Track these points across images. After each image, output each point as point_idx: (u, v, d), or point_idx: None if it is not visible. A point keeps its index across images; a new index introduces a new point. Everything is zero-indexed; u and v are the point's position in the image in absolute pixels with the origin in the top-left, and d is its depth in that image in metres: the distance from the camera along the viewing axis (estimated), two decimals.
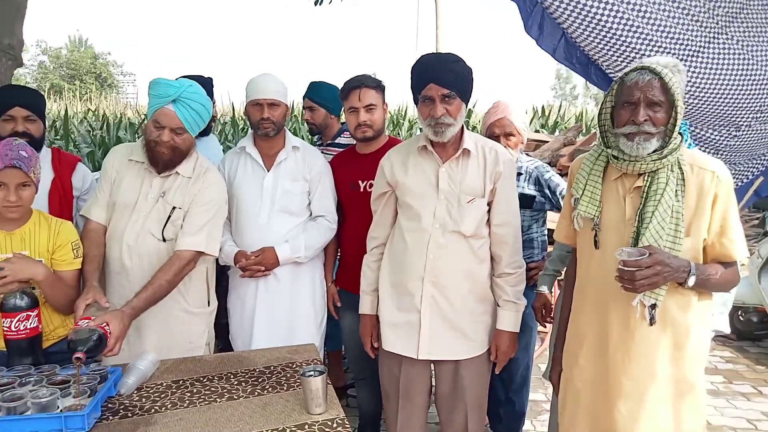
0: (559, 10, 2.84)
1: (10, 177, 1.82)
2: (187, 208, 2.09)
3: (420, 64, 1.92)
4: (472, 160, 1.95)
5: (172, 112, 2.01)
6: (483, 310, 2.00)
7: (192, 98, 2.03)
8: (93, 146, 6.53)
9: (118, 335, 1.79)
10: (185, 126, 2.04)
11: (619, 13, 2.70)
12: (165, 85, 2.02)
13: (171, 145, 2.03)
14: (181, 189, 2.11)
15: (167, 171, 2.10)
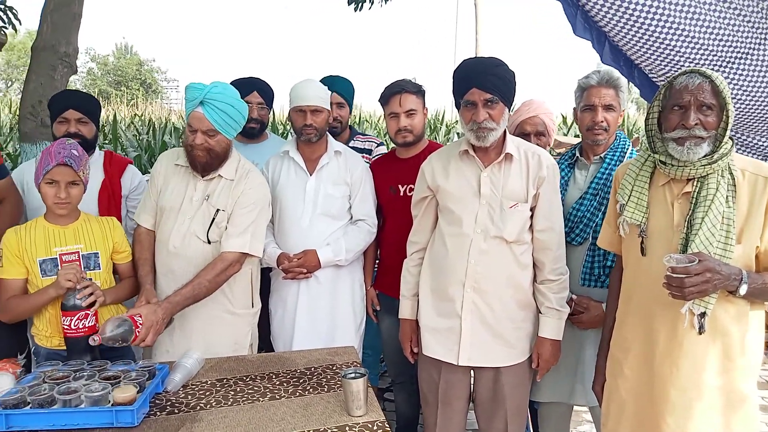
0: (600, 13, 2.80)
1: (60, 174, 1.90)
2: (231, 210, 2.12)
3: (462, 68, 1.91)
4: (514, 165, 1.93)
5: (202, 114, 2.03)
6: (524, 317, 1.98)
7: (217, 98, 2.03)
8: (140, 150, 6.75)
9: (150, 326, 1.84)
10: (216, 127, 2.04)
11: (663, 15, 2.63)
12: (192, 88, 2.06)
13: (205, 148, 2.06)
14: (224, 191, 2.14)
15: (208, 174, 2.14)
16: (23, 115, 3.29)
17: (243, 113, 2.13)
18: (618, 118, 2.10)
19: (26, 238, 1.94)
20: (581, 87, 2.14)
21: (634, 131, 8.67)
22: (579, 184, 2.17)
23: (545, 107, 2.45)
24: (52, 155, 1.89)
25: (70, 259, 1.97)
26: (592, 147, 2.14)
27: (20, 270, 1.93)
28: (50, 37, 3.30)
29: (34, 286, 1.96)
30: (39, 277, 1.94)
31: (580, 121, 2.15)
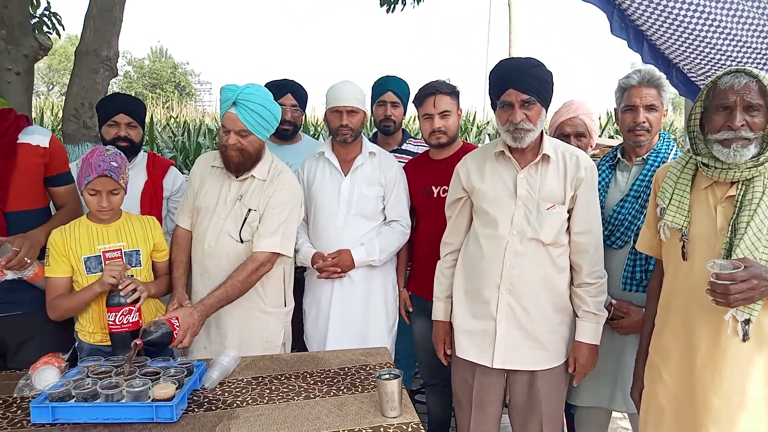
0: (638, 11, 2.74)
1: (102, 185, 1.96)
2: (262, 210, 2.16)
3: (499, 68, 1.90)
4: (551, 166, 1.91)
5: (235, 115, 2.07)
6: (561, 321, 1.95)
7: (249, 99, 2.06)
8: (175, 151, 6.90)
9: (187, 328, 1.91)
10: (248, 128, 2.07)
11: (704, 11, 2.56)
12: (226, 90, 2.10)
13: (238, 148, 2.09)
14: (256, 192, 2.17)
15: (242, 174, 2.18)
16: (66, 117, 3.40)
17: (276, 115, 2.16)
18: (661, 118, 2.06)
19: (71, 237, 2.00)
20: (621, 87, 2.10)
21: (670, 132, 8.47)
22: (620, 186, 2.12)
23: (585, 108, 2.41)
24: (92, 167, 1.94)
25: (113, 256, 2.02)
26: (634, 148, 2.10)
27: (66, 268, 1.99)
28: (92, 42, 3.40)
29: (79, 284, 2.01)
30: (84, 274, 2.00)
31: (621, 122, 2.11)
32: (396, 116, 2.85)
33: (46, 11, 4.57)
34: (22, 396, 1.74)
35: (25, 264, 1.95)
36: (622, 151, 2.17)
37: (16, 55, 3.29)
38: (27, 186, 2.07)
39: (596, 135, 2.46)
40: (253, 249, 2.13)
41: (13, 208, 2.02)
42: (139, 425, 1.59)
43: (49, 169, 2.14)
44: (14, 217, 2.01)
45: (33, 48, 3.35)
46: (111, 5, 3.43)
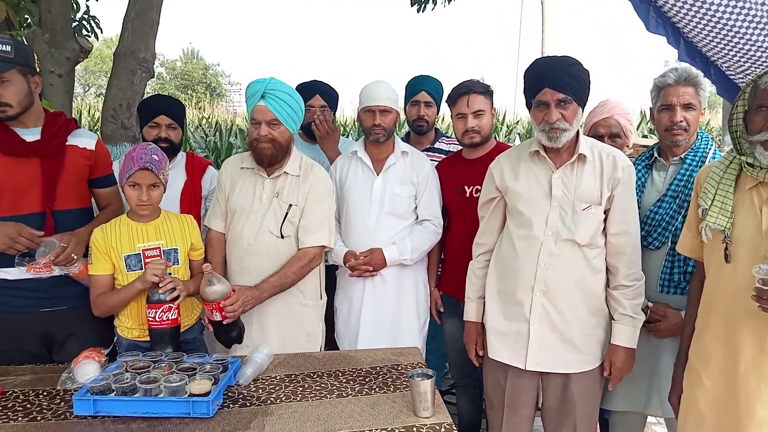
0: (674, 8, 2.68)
1: (142, 178, 2.00)
2: (303, 205, 2.19)
3: (535, 67, 1.88)
4: (588, 166, 1.88)
5: (264, 106, 2.11)
6: (596, 324, 1.92)
7: (278, 88, 2.12)
8: (207, 151, 7.01)
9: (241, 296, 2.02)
10: (278, 117, 2.12)
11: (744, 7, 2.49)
12: (252, 84, 2.15)
13: (270, 138, 2.12)
14: (293, 187, 2.21)
15: (275, 169, 2.21)
16: (105, 118, 3.49)
17: (301, 106, 2.21)
18: (698, 117, 2.01)
19: (112, 235, 2.05)
20: (657, 86, 2.05)
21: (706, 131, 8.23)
22: (657, 186, 2.08)
23: (621, 107, 2.36)
24: (134, 160, 1.99)
25: (152, 254, 2.06)
26: (671, 148, 2.05)
27: (108, 266, 2.04)
28: (130, 44, 3.49)
29: (119, 282, 2.06)
30: (124, 272, 2.04)
31: (657, 121, 2.07)
32: (429, 116, 2.85)
33: (85, 15, 4.71)
34: (65, 388, 1.79)
35: (71, 260, 2.02)
36: (659, 151, 2.13)
37: (59, 58, 3.40)
38: (73, 186, 2.14)
39: (633, 135, 2.41)
40: (301, 245, 2.19)
41: (60, 207, 2.08)
42: (176, 420, 1.62)
43: (93, 171, 2.22)
44: (60, 216, 2.08)
45: (74, 51, 3.45)
46: (148, 8, 3.51)
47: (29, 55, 2.07)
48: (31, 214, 2.03)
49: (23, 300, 2.04)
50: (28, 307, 2.06)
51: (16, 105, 1.98)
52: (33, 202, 2.03)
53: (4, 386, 1.80)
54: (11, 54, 1.95)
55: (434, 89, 2.86)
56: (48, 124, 2.10)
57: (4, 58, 1.94)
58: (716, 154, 2.02)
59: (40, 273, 2.00)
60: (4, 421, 1.60)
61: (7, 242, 1.92)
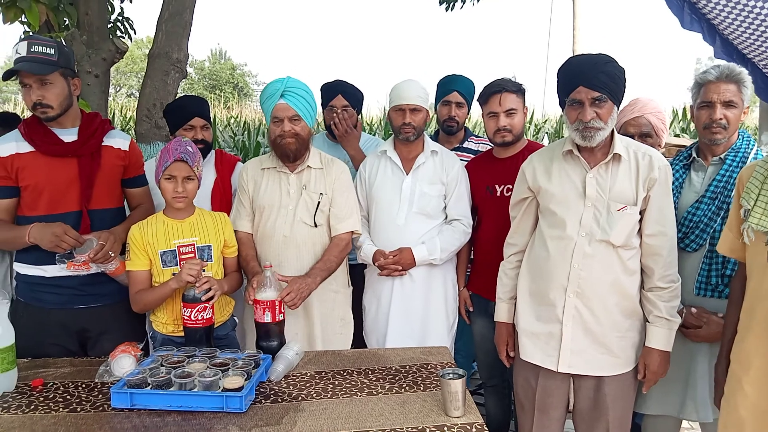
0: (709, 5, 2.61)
1: (177, 170, 2.03)
2: (331, 195, 2.30)
3: (569, 65, 1.85)
4: (623, 166, 1.85)
5: (284, 103, 2.21)
6: (630, 326, 1.89)
7: (296, 86, 2.23)
8: (235, 150, 7.10)
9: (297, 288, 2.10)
10: (299, 113, 2.22)
11: None
12: (270, 84, 2.26)
13: (293, 133, 2.21)
14: (318, 179, 2.32)
15: (297, 165, 2.29)
16: (139, 117, 3.57)
17: (315, 102, 2.34)
18: (740, 115, 1.95)
19: (148, 231, 2.09)
20: (698, 83, 2.01)
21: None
22: (695, 186, 2.03)
23: (652, 106, 2.31)
24: (170, 152, 2.04)
25: (187, 251, 2.10)
26: (710, 147, 2.00)
27: (145, 262, 2.08)
28: (164, 45, 3.56)
29: (155, 278, 2.10)
30: (160, 268, 2.08)
31: (696, 119, 2.02)
32: (460, 117, 2.83)
33: (120, 16, 4.81)
34: (102, 381, 1.83)
35: (109, 258, 2.06)
36: (697, 150, 2.08)
37: (96, 59, 3.48)
38: (108, 186, 2.19)
39: (665, 134, 2.36)
40: (335, 232, 2.31)
41: (95, 206, 2.14)
42: (209, 414, 1.64)
43: (127, 171, 2.27)
44: (95, 215, 2.13)
45: (110, 51, 3.53)
46: (182, 9, 3.58)
47: (70, 57, 2.12)
48: (68, 212, 2.08)
49: (58, 297, 2.10)
50: (63, 303, 2.11)
51: (56, 107, 2.03)
52: (70, 201, 2.09)
53: (44, 378, 1.85)
54: (55, 57, 2.00)
55: (466, 89, 2.84)
56: (84, 125, 2.15)
57: (48, 61, 1.99)
58: (758, 155, 1.96)
59: (78, 270, 2.06)
60: (46, 412, 1.65)
61: (54, 241, 1.97)
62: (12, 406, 1.68)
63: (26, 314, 2.06)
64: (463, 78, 2.87)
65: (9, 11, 3.39)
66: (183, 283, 1.98)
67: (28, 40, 1.99)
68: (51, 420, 1.60)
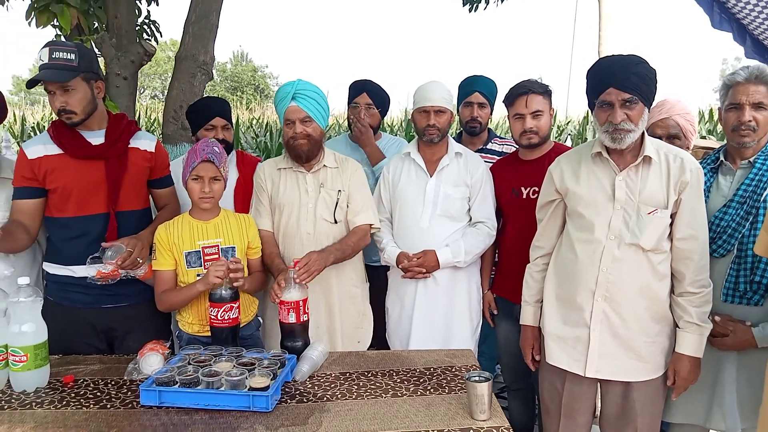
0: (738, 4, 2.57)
1: (204, 170, 2.06)
2: (348, 191, 2.35)
3: (599, 66, 1.83)
4: (653, 168, 1.82)
5: (296, 105, 2.25)
6: (659, 331, 1.86)
7: (306, 88, 2.27)
8: (258, 151, 7.16)
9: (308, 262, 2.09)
10: (310, 115, 2.25)
11: None
12: (281, 88, 2.31)
13: (305, 134, 2.25)
14: (335, 176, 2.37)
15: (313, 164, 2.34)
16: (166, 119, 3.62)
17: (327, 103, 2.37)
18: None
19: (174, 232, 2.11)
20: (726, 84, 1.97)
21: None
22: (723, 190, 1.99)
23: (680, 107, 2.28)
24: (197, 153, 2.06)
25: (211, 252, 2.12)
26: (739, 150, 1.96)
27: (171, 261, 2.11)
28: (191, 47, 3.60)
29: (180, 278, 2.13)
30: (185, 268, 2.11)
31: (724, 121, 1.98)
32: (482, 117, 2.82)
33: (146, 19, 4.88)
34: (131, 379, 1.86)
35: (137, 264, 2.08)
36: (725, 153, 2.03)
37: (125, 61, 3.54)
38: (135, 188, 2.22)
39: (694, 136, 2.32)
40: (352, 225, 2.35)
41: (123, 208, 2.16)
42: (236, 413, 1.66)
43: (153, 172, 2.29)
44: (122, 217, 2.16)
45: (139, 54, 3.59)
46: (208, 12, 3.62)
47: (93, 60, 2.11)
48: (96, 214, 2.11)
49: (87, 296, 2.14)
50: (91, 303, 2.15)
51: (80, 112, 2.05)
52: (98, 204, 2.11)
53: (75, 374, 1.89)
54: (75, 62, 2.00)
55: (488, 90, 2.83)
56: (111, 127, 2.17)
57: (69, 67, 1.99)
58: None
59: (107, 278, 2.07)
60: (77, 407, 1.68)
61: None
62: (45, 401, 1.72)
63: (56, 313, 2.09)
64: (484, 78, 2.86)
65: (42, 15, 3.47)
66: (210, 285, 1.99)
67: (50, 46, 2.00)
68: (83, 416, 1.64)
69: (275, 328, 2.30)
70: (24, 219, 2.09)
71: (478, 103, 2.79)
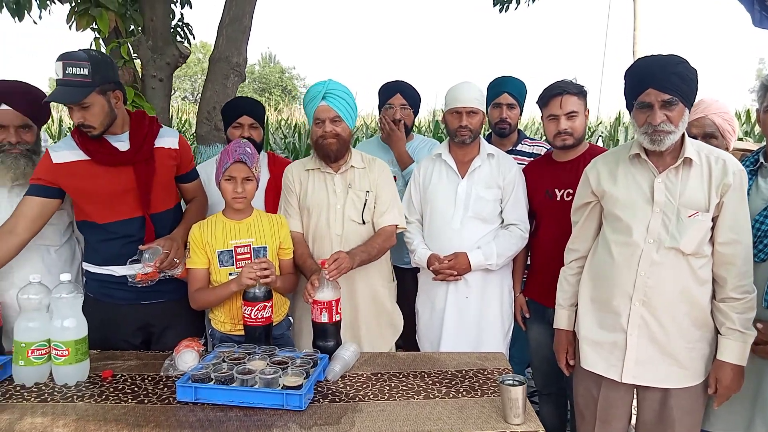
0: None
1: (237, 171, 2.08)
2: (375, 192, 2.35)
3: (638, 67, 1.79)
4: (694, 170, 1.78)
5: (326, 105, 2.27)
6: (700, 337, 1.81)
7: (337, 88, 2.29)
8: (286, 152, 7.23)
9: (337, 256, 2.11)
10: (340, 114, 2.27)
11: None
12: (312, 88, 2.33)
13: (334, 134, 2.26)
14: (362, 177, 2.37)
15: (340, 165, 2.34)
16: (200, 120, 3.68)
17: (356, 104, 2.39)
18: None
19: (208, 231, 2.15)
20: (764, 85, 1.91)
21: None
22: (763, 193, 1.93)
23: (717, 106, 2.22)
24: (229, 154, 2.09)
25: (243, 251, 2.15)
26: None
27: (204, 260, 2.14)
28: (224, 49, 3.65)
29: (213, 277, 2.16)
30: (217, 267, 2.14)
31: (763, 123, 1.92)
32: (512, 118, 2.80)
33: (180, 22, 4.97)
34: (167, 375, 1.89)
35: (174, 264, 2.13)
36: (765, 155, 1.97)
37: (160, 63, 3.62)
38: (164, 188, 2.24)
39: (734, 137, 2.26)
40: (378, 226, 2.35)
41: (155, 209, 2.19)
42: (270, 410, 1.67)
43: (179, 168, 2.31)
44: (156, 218, 2.19)
45: (174, 56, 3.66)
46: (242, 14, 3.67)
47: (108, 68, 2.04)
48: (131, 218, 2.14)
49: (127, 292, 2.17)
50: (131, 299, 2.19)
51: (98, 126, 2.03)
52: (131, 208, 2.14)
53: (113, 369, 1.93)
54: (89, 77, 1.95)
55: (517, 90, 2.80)
56: (134, 129, 2.15)
57: (82, 83, 1.95)
58: None
59: (147, 280, 2.12)
60: (116, 402, 1.72)
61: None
62: (86, 395, 1.76)
63: (95, 309, 2.13)
64: (513, 79, 2.84)
65: (82, 19, 3.56)
66: (243, 286, 2.02)
67: (63, 61, 1.95)
68: (121, 410, 1.67)
69: (305, 328, 2.32)
70: (26, 218, 2.04)
71: (507, 104, 2.77)
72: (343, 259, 2.09)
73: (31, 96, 2.20)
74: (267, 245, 2.18)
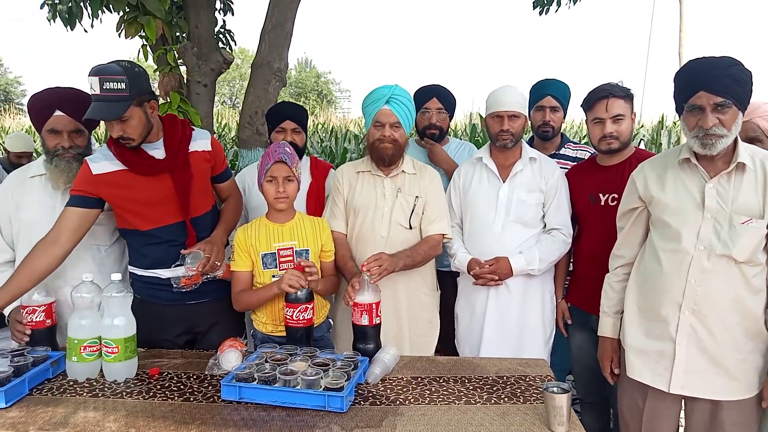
0: None
1: (278, 171, 2.11)
2: (425, 198, 2.35)
3: (689, 69, 1.75)
4: (747, 176, 1.72)
5: (388, 110, 2.29)
6: (753, 348, 1.75)
7: (402, 94, 2.32)
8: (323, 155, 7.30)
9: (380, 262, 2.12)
10: (401, 121, 2.29)
11: None
12: (377, 90, 2.35)
13: (392, 139, 2.28)
14: (413, 183, 2.37)
15: (392, 169, 2.36)
16: (242, 124, 3.75)
17: (414, 111, 2.41)
18: None
19: (252, 234, 2.18)
20: None
21: None
22: None
23: (763, 109, 2.14)
24: (270, 155, 2.13)
25: (286, 254, 2.18)
26: None
27: (248, 263, 2.18)
28: (267, 55, 3.71)
29: (256, 279, 2.20)
30: (261, 269, 2.17)
31: None
32: (555, 121, 2.76)
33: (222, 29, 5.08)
34: (212, 374, 1.93)
35: (216, 267, 2.17)
36: None
37: (205, 69, 3.70)
38: (202, 192, 2.26)
39: None
40: (425, 233, 2.35)
41: (195, 214, 2.22)
42: (312, 411, 1.69)
43: (214, 169, 2.34)
44: (196, 222, 2.22)
45: (218, 62, 3.74)
46: (284, 21, 3.72)
47: (143, 79, 2.04)
48: (172, 224, 2.18)
49: (172, 294, 2.23)
50: (176, 300, 2.24)
51: (137, 137, 2.06)
52: (171, 214, 2.17)
53: (159, 367, 1.98)
54: (126, 91, 1.95)
55: (560, 93, 2.77)
56: (168, 136, 2.17)
57: (120, 98, 1.95)
58: None
59: (191, 284, 2.19)
60: (163, 399, 1.76)
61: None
62: (134, 391, 1.82)
63: (141, 310, 2.16)
64: (556, 82, 2.80)
65: (131, 27, 3.68)
66: (285, 290, 2.04)
67: (99, 75, 1.94)
68: (168, 407, 1.71)
69: (345, 330, 2.34)
70: (68, 229, 2.07)
71: (550, 107, 2.74)
72: (384, 260, 2.10)
73: (82, 102, 2.27)
74: (309, 248, 2.21)
